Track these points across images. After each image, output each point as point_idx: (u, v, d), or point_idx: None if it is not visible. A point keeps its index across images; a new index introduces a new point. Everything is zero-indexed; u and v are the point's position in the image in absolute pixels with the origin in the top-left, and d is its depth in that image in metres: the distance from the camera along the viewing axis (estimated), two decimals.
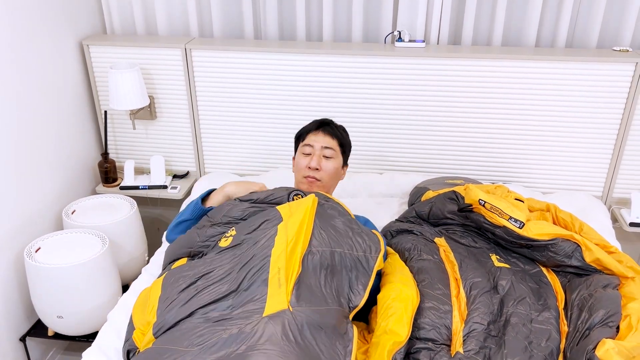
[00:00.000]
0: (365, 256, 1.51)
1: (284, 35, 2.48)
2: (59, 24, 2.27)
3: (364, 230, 1.60)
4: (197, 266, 1.51)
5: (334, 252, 1.47)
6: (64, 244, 2.05)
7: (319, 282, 1.40)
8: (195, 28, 2.46)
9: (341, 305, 1.39)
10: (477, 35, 2.35)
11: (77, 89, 2.43)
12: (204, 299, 1.40)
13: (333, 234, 1.53)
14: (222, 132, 2.50)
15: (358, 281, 1.46)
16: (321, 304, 1.34)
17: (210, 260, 1.52)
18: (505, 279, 1.58)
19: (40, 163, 2.21)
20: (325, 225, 1.55)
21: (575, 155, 2.31)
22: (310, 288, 1.37)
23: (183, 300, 1.40)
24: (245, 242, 1.54)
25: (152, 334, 1.39)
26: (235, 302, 1.36)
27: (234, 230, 1.63)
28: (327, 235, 1.51)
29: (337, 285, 1.43)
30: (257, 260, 1.43)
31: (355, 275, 1.47)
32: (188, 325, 1.34)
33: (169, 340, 1.30)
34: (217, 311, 1.36)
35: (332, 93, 2.34)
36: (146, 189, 2.49)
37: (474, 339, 1.38)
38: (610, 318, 1.39)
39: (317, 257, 1.44)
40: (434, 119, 2.33)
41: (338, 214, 1.64)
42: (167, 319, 1.39)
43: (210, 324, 1.31)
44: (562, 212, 1.89)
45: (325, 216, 1.60)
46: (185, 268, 1.53)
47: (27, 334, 2.15)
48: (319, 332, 1.28)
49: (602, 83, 2.17)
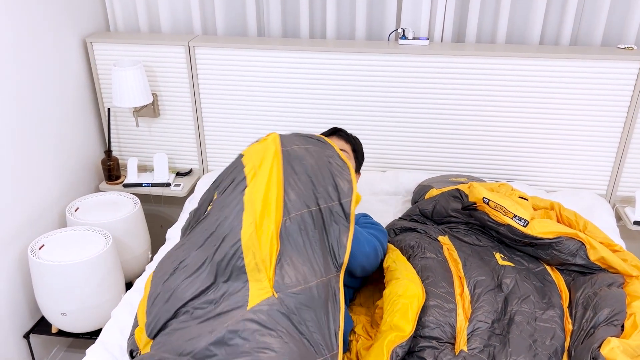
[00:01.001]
0: (341, 203, 1.43)
1: (287, 32, 2.47)
2: (62, 21, 2.27)
3: (334, 168, 1.51)
4: (176, 253, 1.45)
5: (311, 212, 1.39)
6: (68, 242, 2.05)
7: (302, 250, 1.33)
8: (198, 25, 2.46)
9: (328, 267, 1.34)
10: (481, 32, 2.34)
11: (81, 87, 2.43)
12: (185, 295, 1.34)
13: (306, 185, 1.43)
14: (225, 130, 2.50)
15: (341, 234, 1.39)
16: (308, 278, 1.29)
17: (187, 242, 1.45)
18: (509, 277, 1.58)
19: (44, 161, 2.21)
20: (295, 175, 1.44)
21: (580, 154, 2.30)
22: (292, 263, 1.31)
23: (165, 297, 1.36)
24: (214, 212, 1.44)
25: (146, 335, 1.38)
26: (216, 295, 1.31)
27: (216, 194, 1.54)
28: (299, 190, 1.41)
29: (321, 246, 1.36)
30: (228, 246, 1.34)
31: (336, 228, 1.40)
32: (177, 325, 1.31)
33: (165, 346, 1.28)
34: (201, 309, 1.31)
35: (335, 91, 2.34)
36: (149, 187, 2.49)
37: (478, 337, 1.37)
38: (615, 316, 1.39)
39: (295, 224, 1.36)
40: (438, 117, 2.32)
41: (306, 153, 1.52)
42: (155, 319, 1.36)
43: (197, 324, 1.28)
44: (566, 210, 1.89)
45: (294, 161, 1.48)
46: (167, 256, 1.48)
47: (31, 331, 2.16)
48: (309, 313, 1.24)
49: (606, 81, 2.16)
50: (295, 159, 1.49)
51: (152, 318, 1.37)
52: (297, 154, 1.51)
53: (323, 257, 1.36)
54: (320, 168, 1.49)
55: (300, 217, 1.38)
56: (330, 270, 1.36)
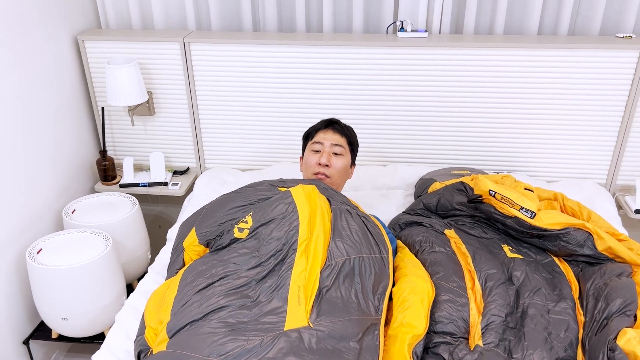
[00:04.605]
0: (382, 257, 1.50)
1: (283, 26, 2.44)
2: (52, 19, 2.21)
3: (376, 229, 1.59)
4: (215, 266, 1.48)
5: (353, 259, 1.46)
6: (66, 245, 2.01)
7: (339, 293, 1.39)
8: (192, 21, 2.42)
9: (366, 311, 1.37)
10: (479, 24, 2.33)
11: (73, 86, 2.37)
12: (220, 302, 1.38)
13: (351, 238, 1.51)
14: (222, 127, 2.46)
15: (379, 284, 1.44)
16: (343, 315, 1.32)
17: (228, 260, 1.50)
18: (519, 270, 1.57)
19: (37, 163, 2.16)
20: (341, 230, 1.54)
21: (580, 143, 2.30)
22: (330, 301, 1.36)
23: (198, 303, 1.38)
24: (263, 240, 1.52)
25: (165, 334, 1.37)
26: (254, 312, 1.35)
27: (250, 217, 1.61)
28: (343, 242, 1.50)
29: (359, 291, 1.41)
30: (277, 277, 1.43)
31: (375, 278, 1.45)
32: (204, 329, 1.31)
33: (186, 345, 1.27)
34: (235, 318, 1.34)
35: (333, 85, 2.31)
36: (146, 186, 2.45)
37: (492, 331, 1.36)
38: (628, 307, 1.38)
39: (337, 268, 1.43)
40: (437, 110, 2.31)
41: (350, 214, 1.61)
42: (181, 320, 1.36)
43: (229, 331, 1.29)
44: (569, 200, 1.89)
45: (340, 219, 1.58)
46: (203, 267, 1.50)
47: (31, 337, 2.11)
48: (343, 342, 1.27)
49: (605, 70, 2.16)
50: (342, 219, 1.59)
51: (178, 318, 1.36)
52: (342, 214, 1.61)
53: (360, 302, 1.40)
54: (361, 228, 1.58)
55: (344, 262, 1.45)
56: (368, 313, 1.38)
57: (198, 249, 1.67)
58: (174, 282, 1.51)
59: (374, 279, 1.44)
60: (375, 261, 1.48)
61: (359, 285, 1.42)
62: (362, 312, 1.35)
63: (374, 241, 1.54)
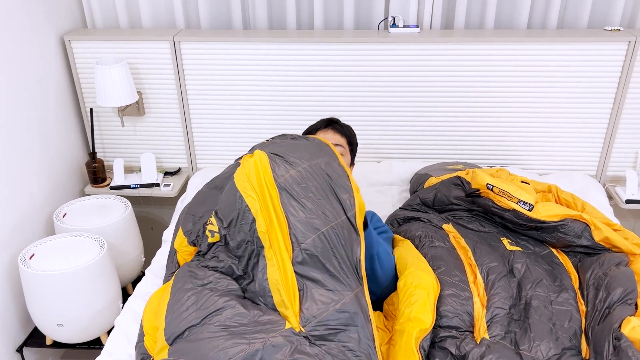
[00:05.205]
0: (348, 217, 1.41)
1: (274, 24, 2.42)
2: (37, 19, 2.16)
3: (334, 180, 1.46)
4: (203, 271, 1.48)
5: (323, 233, 1.37)
6: (59, 249, 1.97)
7: (320, 276, 1.34)
8: (181, 19, 2.38)
9: (350, 285, 1.34)
10: (469, 18, 2.34)
11: (60, 87, 2.32)
12: (217, 304, 1.35)
13: (309, 209, 1.39)
14: (213, 126, 2.44)
15: (352, 253, 1.37)
16: (332, 302, 1.31)
17: (214, 267, 1.49)
18: (519, 262, 1.58)
19: (25, 166, 2.11)
20: (295, 202, 1.41)
21: (570, 136, 2.33)
22: (313, 297, 1.32)
23: (194, 307, 1.36)
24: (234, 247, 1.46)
25: (164, 341, 1.34)
26: (252, 313, 1.33)
27: (213, 217, 1.52)
28: (303, 216, 1.38)
29: (339, 263, 1.35)
30: (257, 284, 1.39)
31: (351, 242, 1.38)
32: (204, 334, 1.29)
33: (187, 351, 1.26)
34: (234, 320, 1.31)
35: (326, 82, 2.30)
36: (138, 188, 2.41)
37: (498, 324, 1.37)
38: (629, 295, 1.41)
39: (307, 254, 1.35)
40: (430, 105, 2.32)
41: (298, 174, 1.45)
42: (177, 325, 1.34)
43: (230, 334, 1.27)
44: (563, 192, 1.91)
45: (290, 188, 1.43)
46: (192, 271, 1.48)
47: (24, 344, 2.07)
48: (338, 334, 1.27)
49: (595, 63, 2.18)
50: (291, 185, 1.44)
51: (174, 324, 1.34)
52: (290, 180, 1.45)
53: (346, 273, 1.36)
54: (320, 184, 1.45)
55: (312, 244, 1.36)
56: (356, 285, 1.35)
57: (189, 250, 1.64)
58: (168, 288, 1.49)
59: (349, 249, 1.37)
60: (343, 227, 1.39)
61: (335, 261, 1.35)
62: (347, 288, 1.33)
63: (335, 196, 1.43)
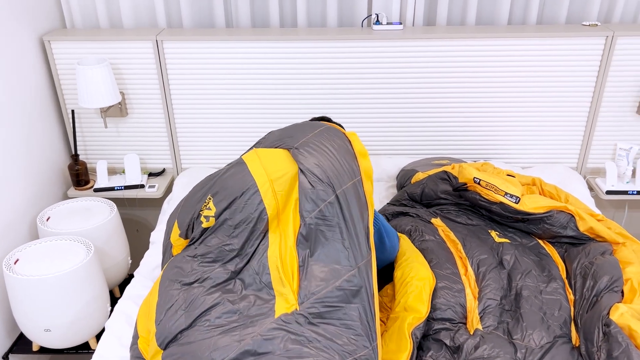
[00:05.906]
0: (354, 184, 1.39)
1: (257, 22, 2.41)
2: (15, 19, 2.11)
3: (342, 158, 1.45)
4: (191, 265, 1.44)
5: (328, 205, 1.35)
6: (44, 253, 1.93)
7: (322, 250, 1.32)
8: (162, 19, 2.36)
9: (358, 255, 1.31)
10: (451, 15, 2.36)
11: (40, 89, 2.28)
12: (206, 303, 1.34)
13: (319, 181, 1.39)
14: (198, 125, 2.42)
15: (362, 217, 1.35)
16: (332, 278, 1.28)
17: (203, 255, 1.44)
18: (508, 254, 1.61)
19: (7, 170, 2.07)
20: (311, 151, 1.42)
21: (551, 129, 2.37)
22: (312, 273, 1.30)
23: (182, 308, 1.34)
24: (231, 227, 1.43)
25: (157, 345, 1.33)
26: (242, 306, 1.32)
27: (211, 201, 1.49)
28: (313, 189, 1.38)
29: (344, 230, 1.33)
30: (256, 262, 1.38)
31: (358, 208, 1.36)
32: (195, 336, 1.28)
33: (184, 356, 1.24)
34: (224, 318, 1.30)
35: (310, 80, 2.31)
36: (122, 190, 2.38)
37: (490, 314, 1.40)
38: (615, 283, 1.44)
39: (311, 228, 1.33)
40: (414, 101, 2.34)
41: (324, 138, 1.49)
42: (168, 329, 1.32)
43: (221, 333, 1.26)
44: (547, 185, 1.95)
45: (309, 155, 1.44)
46: (178, 268, 1.45)
47: (10, 351, 2.03)
48: (337, 312, 1.25)
49: (573, 57, 2.23)
50: (306, 143, 1.47)
51: (164, 328, 1.32)
52: (304, 142, 1.48)
53: (353, 244, 1.32)
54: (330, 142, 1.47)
55: (316, 216, 1.35)
56: (364, 255, 1.32)
57: (180, 242, 1.62)
58: (155, 289, 1.45)
59: (358, 210, 1.34)
60: (356, 186, 1.38)
61: (344, 226, 1.32)
62: (350, 263, 1.30)
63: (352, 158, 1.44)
